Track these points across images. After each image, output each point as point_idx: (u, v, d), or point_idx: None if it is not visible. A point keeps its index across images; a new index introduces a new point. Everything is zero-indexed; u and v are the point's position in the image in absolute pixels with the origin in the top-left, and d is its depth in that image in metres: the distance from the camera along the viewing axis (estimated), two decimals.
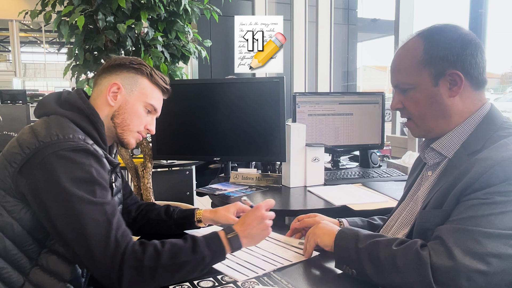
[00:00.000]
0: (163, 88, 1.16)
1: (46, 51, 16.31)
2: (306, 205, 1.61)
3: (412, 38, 0.99)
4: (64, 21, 1.98)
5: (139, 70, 1.12)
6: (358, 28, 7.27)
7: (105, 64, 1.15)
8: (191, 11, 2.17)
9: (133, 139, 1.15)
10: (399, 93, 1.01)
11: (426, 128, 1.00)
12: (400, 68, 1.00)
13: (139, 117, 1.13)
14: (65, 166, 0.91)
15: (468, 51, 0.93)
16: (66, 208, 0.89)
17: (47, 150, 0.92)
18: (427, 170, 1.05)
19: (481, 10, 2.43)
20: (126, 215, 1.31)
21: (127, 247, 0.88)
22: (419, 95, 0.96)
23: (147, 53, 2.01)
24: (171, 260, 0.90)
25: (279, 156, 1.84)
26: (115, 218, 0.92)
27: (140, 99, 1.12)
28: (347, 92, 5.01)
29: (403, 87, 0.99)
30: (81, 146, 0.95)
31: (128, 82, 1.11)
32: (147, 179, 2.18)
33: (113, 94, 1.10)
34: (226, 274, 0.97)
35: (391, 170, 2.04)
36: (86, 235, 0.88)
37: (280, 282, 0.92)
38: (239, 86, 1.92)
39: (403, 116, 1.04)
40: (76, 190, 0.90)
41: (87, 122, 1.03)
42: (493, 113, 0.96)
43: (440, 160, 1.01)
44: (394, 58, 1.02)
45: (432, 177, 1.01)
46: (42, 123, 1.00)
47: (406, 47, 1.00)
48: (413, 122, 1.02)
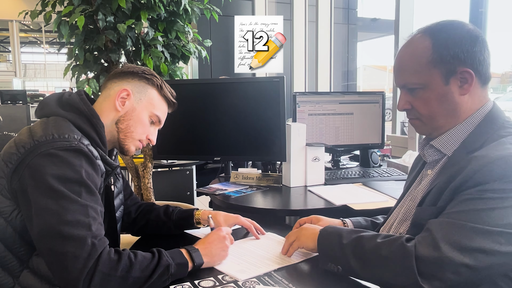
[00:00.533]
0: (170, 101, 1.19)
1: (46, 51, 16.33)
2: (306, 204, 1.61)
3: (418, 36, 0.95)
4: (64, 21, 1.98)
5: (150, 80, 1.14)
6: (358, 28, 7.27)
7: (118, 69, 1.17)
8: (191, 11, 2.17)
9: (134, 147, 1.15)
10: (406, 93, 0.98)
11: (434, 126, 0.98)
12: (408, 67, 0.96)
13: (143, 125, 1.14)
14: (54, 164, 0.90)
15: (476, 47, 0.91)
16: (49, 205, 0.88)
17: (40, 148, 0.91)
18: (426, 169, 1.05)
19: (481, 9, 2.43)
20: (126, 216, 1.31)
21: (103, 253, 0.86)
22: (429, 94, 0.94)
23: (147, 53, 2.01)
24: (141, 273, 0.89)
25: (279, 156, 1.84)
26: (96, 223, 0.90)
27: (147, 108, 1.14)
28: (347, 92, 5.01)
29: (411, 87, 0.96)
30: (74, 146, 0.94)
31: (137, 90, 1.13)
32: (148, 179, 2.18)
33: (121, 99, 1.10)
34: (226, 274, 0.97)
35: (392, 170, 2.04)
36: (63, 233, 0.86)
37: (281, 282, 0.93)
38: (240, 86, 1.92)
39: (411, 116, 1.01)
40: (62, 188, 0.89)
41: (86, 124, 1.03)
42: (495, 112, 0.95)
43: (439, 157, 1.00)
44: (399, 58, 0.99)
45: (431, 175, 1.01)
46: (40, 124, 1.00)
47: (412, 46, 0.96)
48: (420, 121, 0.99)
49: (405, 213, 1.05)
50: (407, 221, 1.03)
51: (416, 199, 1.02)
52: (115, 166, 1.09)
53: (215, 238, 1.07)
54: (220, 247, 1.06)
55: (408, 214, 1.04)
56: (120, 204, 1.24)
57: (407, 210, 1.05)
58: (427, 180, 1.02)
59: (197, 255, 1.00)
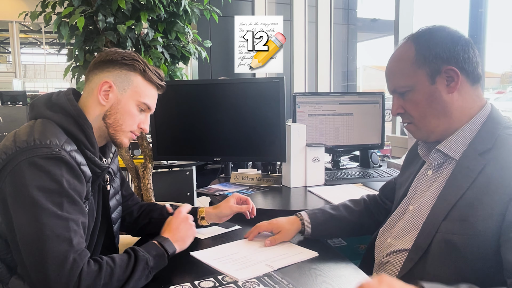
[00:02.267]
0: (157, 85, 1.11)
1: (46, 52, 16.32)
2: (306, 205, 1.61)
3: (403, 43, 1.01)
4: (64, 22, 1.98)
5: (132, 66, 1.06)
6: (358, 28, 7.26)
7: (97, 58, 1.09)
8: (191, 12, 2.17)
9: (126, 139, 1.11)
10: (397, 97, 1.01)
11: (428, 129, 0.99)
12: (395, 72, 1.01)
13: (132, 116, 1.08)
14: (35, 174, 0.87)
15: (459, 46, 0.94)
16: (29, 218, 0.86)
17: (21, 156, 0.89)
18: (427, 169, 1.04)
19: (481, 10, 2.43)
20: (128, 216, 1.31)
21: (84, 267, 0.85)
22: (418, 95, 0.97)
23: (147, 54, 2.02)
24: (123, 274, 0.89)
25: (279, 156, 1.84)
26: (77, 236, 0.88)
27: (133, 98, 1.07)
28: (347, 92, 5.01)
29: (401, 90, 0.99)
30: (54, 154, 0.90)
31: (120, 80, 1.05)
32: (148, 180, 2.18)
33: (104, 93, 1.05)
34: (226, 274, 0.97)
35: (392, 170, 2.04)
36: (44, 249, 0.84)
37: (281, 283, 0.93)
38: (239, 87, 1.92)
39: (405, 121, 1.03)
40: (42, 200, 0.86)
41: (73, 125, 0.99)
42: (496, 112, 0.97)
43: (443, 160, 1.00)
44: (388, 65, 1.03)
45: (437, 179, 1.00)
46: (26, 127, 0.97)
47: (398, 52, 1.01)
48: (414, 125, 1.01)
49: (411, 218, 1.02)
50: (415, 228, 1.00)
51: (424, 204, 1.00)
52: (104, 168, 1.06)
53: (178, 222, 1.10)
54: (186, 227, 1.09)
55: (415, 220, 1.01)
56: (117, 205, 1.22)
57: (413, 216, 1.02)
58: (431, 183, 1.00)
59: (168, 244, 1.01)
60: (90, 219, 1.04)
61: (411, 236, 1.00)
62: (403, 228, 1.04)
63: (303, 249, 1.13)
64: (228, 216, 1.32)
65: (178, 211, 1.14)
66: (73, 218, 0.89)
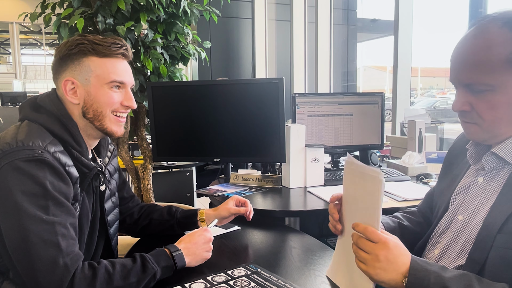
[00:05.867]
0: (116, 54, 1.03)
1: (46, 53, 16.32)
2: (306, 205, 1.61)
3: (494, 27, 0.80)
4: (64, 23, 1.98)
5: (80, 52, 1.00)
6: (358, 29, 7.27)
7: (52, 62, 1.05)
8: (191, 13, 2.18)
9: (115, 125, 1.06)
10: (466, 92, 0.84)
11: (495, 133, 0.85)
12: (479, 64, 0.80)
13: (109, 99, 1.03)
14: (17, 179, 0.85)
15: None
16: (14, 224, 0.84)
17: (4, 160, 0.87)
18: (477, 176, 0.93)
19: (480, 10, 2.44)
20: (128, 217, 1.31)
21: (76, 273, 0.83)
22: (500, 98, 0.80)
23: (147, 55, 2.02)
24: (124, 281, 0.87)
25: (279, 157, 1.84)
26: (66, 239, 0.86)
27: (100, 82, 1.01)
28: (347, 93, 5.00)
29: (479, 88, 0.81)
30: (37, 156, 0.87)
31: (78, 72, 1.01)
32: (148, 181, 2.18)
33: (71, 91, 1.01)
34: (215, 274, 0.97)
35: (391, 170, 2.04)
36: (31, 256, 0.82)
37: (270, 279, 0.93)
38: (239, 87, 1.92)
39: (467, 120, 0.87)
40: (27, 204, 0.84)
41: (58, 125, 0.98)
42: None
43: (496, 165, 0.88)
44: (467, 50, 0.83)
45: (490, 186, 0.88)
46: (12, 129, 0.96)
47: (486, 38, 0.80)
48: (479, 126, 0.85)
49: (461, 228, 0.91)
50: (468, 239, 0.88)
51: (477, 214, 0.88)
52: (92, 167, 1.02)
53: (200, 239, 1.04)
54: (204, 248, 1.04)
55: (465, 231, 0.90)
56: (113, 207, 1.20)
57: (464, 225, 0.91)
58: (484, 191, 0.89)
59: (179, 257, 0.98)
60: (84, 223, 1.02)
61: (462, 248, 0.89)
62: (452, 239, 0.93)
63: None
64: (228, 219, 1.32)
65: (205, 228, 1.09)
66: (60, 221, 0.87)
